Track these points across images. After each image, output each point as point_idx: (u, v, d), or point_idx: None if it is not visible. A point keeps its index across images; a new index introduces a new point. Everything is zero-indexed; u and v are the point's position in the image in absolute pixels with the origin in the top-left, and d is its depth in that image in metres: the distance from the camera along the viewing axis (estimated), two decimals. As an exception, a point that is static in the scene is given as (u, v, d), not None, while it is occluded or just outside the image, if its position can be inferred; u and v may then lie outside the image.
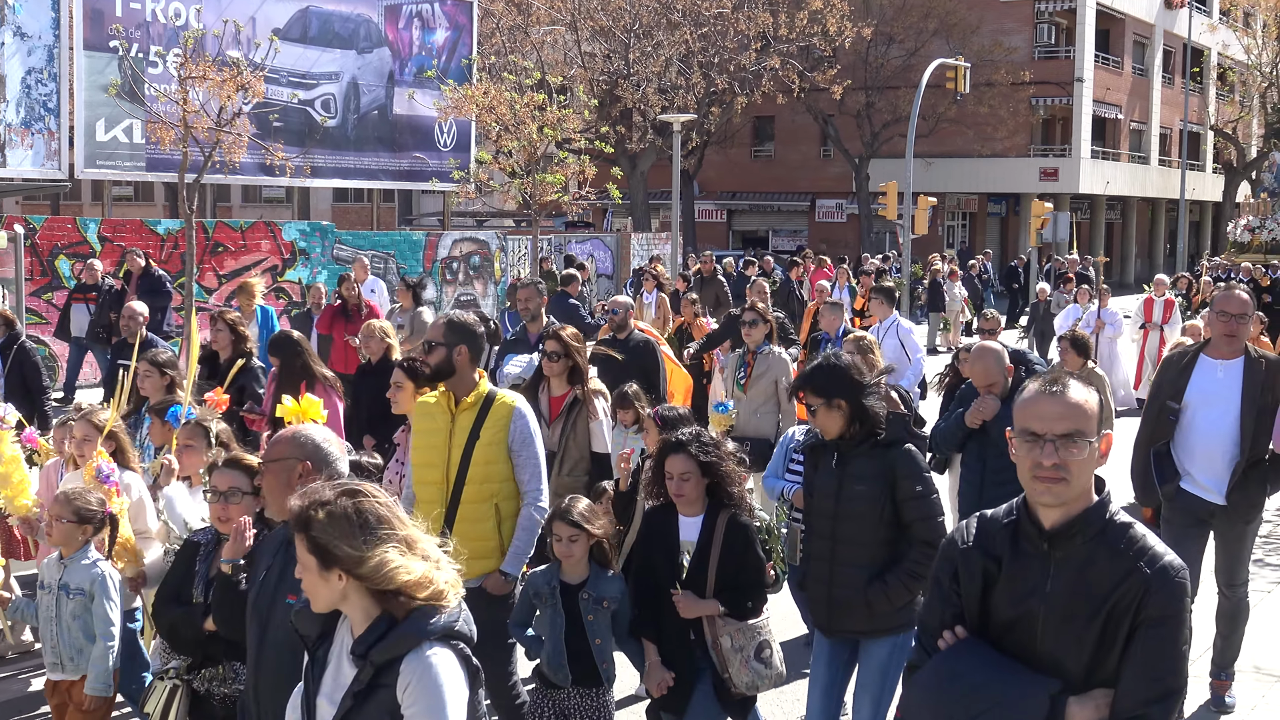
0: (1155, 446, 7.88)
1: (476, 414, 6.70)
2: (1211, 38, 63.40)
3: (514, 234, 31.77)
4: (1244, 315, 7.73)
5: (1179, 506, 7.88)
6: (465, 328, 6.75)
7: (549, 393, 8.66)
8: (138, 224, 23.26)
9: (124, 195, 50.00)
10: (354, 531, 3.61)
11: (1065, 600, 3.60)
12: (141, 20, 24.68)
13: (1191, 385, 7.83)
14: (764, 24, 40.56)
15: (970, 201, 57.83)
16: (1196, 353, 7.97)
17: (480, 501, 6.64)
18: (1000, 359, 7.91)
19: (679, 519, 6.26)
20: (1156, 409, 7.99)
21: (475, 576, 6.48)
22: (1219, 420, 7.69)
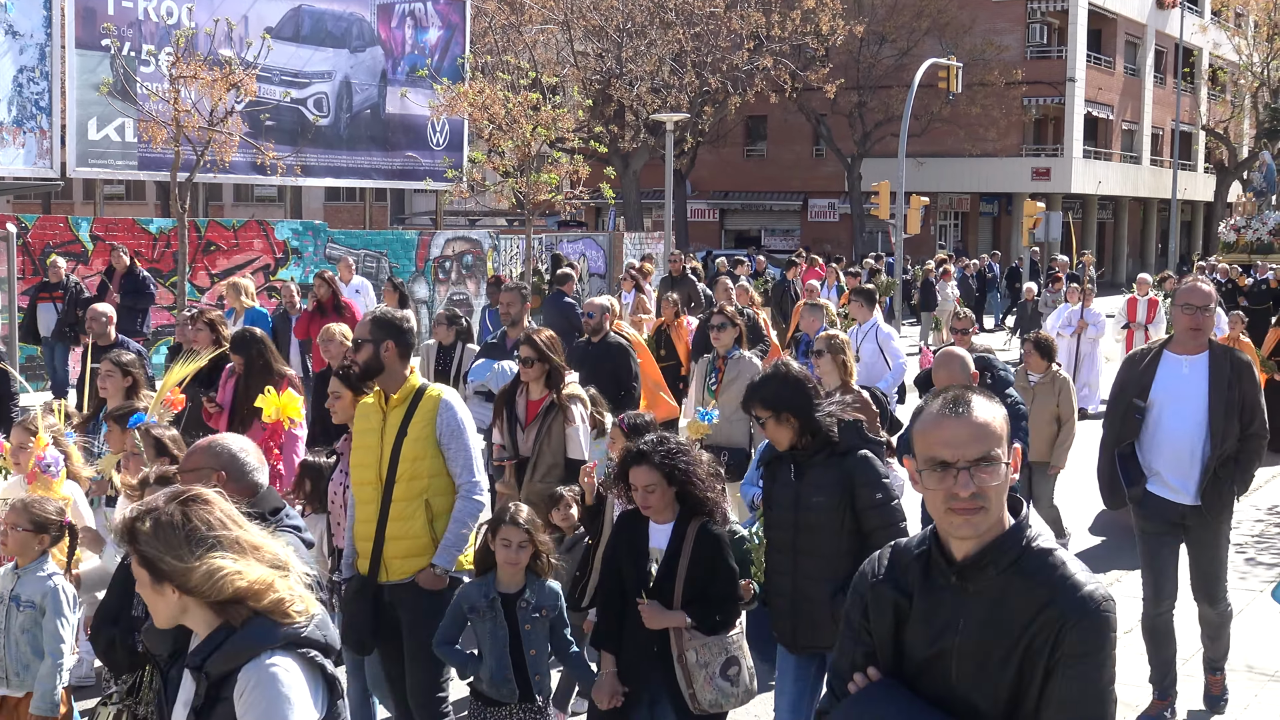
0: (1120, 448, 7.65)
1: (405, 410, 6.57)
2: (1203, 38, 63.52)
3: (507, 233, 31.76)
4: (1207, 307, 7.52)
5: (1150, 512, 7.67)
6: (391, 323, 6.61)
7: (526, 396, 8.52)
8: (130, 223, 23.23)
9: (116, 194, 49.95)
10: (180, 541, 3.36)
11: (979, 637, 3.27)
12: (133, 19, 24.65)
13: (1156, 383, 7.60)
14: (756, 23, 40.57)
15: (963, 201, 57.90)
16: (1160, 349, 7.76)
17: (410, 499, 6.49)
18: (965, 365, 7.67)
19: (649, 525, 6.03)
20: (1121, 409, 7.75)
21: (409, 575, 6.45)
22: (1187, 417, 7.48)
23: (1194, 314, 7.50)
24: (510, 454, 8.49)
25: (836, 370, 9.43)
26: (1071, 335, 20.29)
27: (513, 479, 8.44)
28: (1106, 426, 7.88)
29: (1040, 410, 10.98)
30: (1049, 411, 11.11)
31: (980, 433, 3.28)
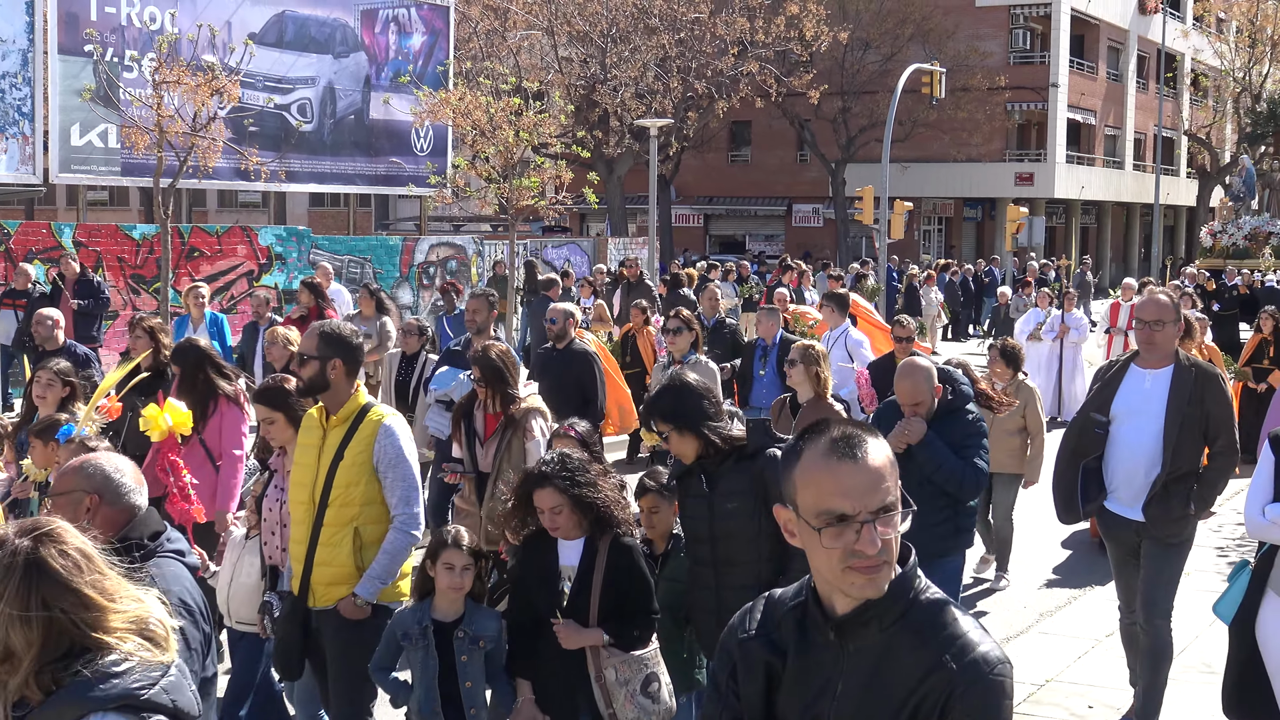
0: (1085, 461, 7.40)
1: (345, 431, 6.25)
2: (1185, 43, 63.76)
3: (491, 239, 31.73)
4: (1159, 322, 7.23)
5: (1109, 529, 7.56)
6: (340, 339, 6.28)
7: (485, 409, 8.21)
8: (113, 229, 23.18)
9: (99, 200, 49.78)
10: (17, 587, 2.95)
11: (859, 702, 2.90)
12: (116, 25, 24.60)
13: (1119, 396, 7.39)
14: (741, 29, 40.61)
15: (946, 206, 58.03)
16: (1127, 362, 7.51)
17: (340, 525, 6.21)
18: (930, 377, 7.34)
19: (558, 543, 5.82)
20: (1081, 421, 7.57)
21: (333, 603, 6.23)
22: (1141, 432, 7.25)
23: (1144, 329, 7.29)
24: (469, 469, 8.22)
25: (809, 381, 9.25)
26: (1054, 340, 20.11)
27: (472, 495, 8.20)
28: (1064, 439, 7.64)
29: (1005, 420, 10.43)
30: (1014, 422, 10.71)
31: (879, 478, 2.87)
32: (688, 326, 10.88)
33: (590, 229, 54.96)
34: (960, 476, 7.06)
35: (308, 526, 6.26)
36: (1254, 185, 37.81)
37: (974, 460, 7.12)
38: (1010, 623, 10.09)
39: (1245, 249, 35.41)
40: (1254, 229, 35.89)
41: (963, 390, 7.35)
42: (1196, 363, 7.37)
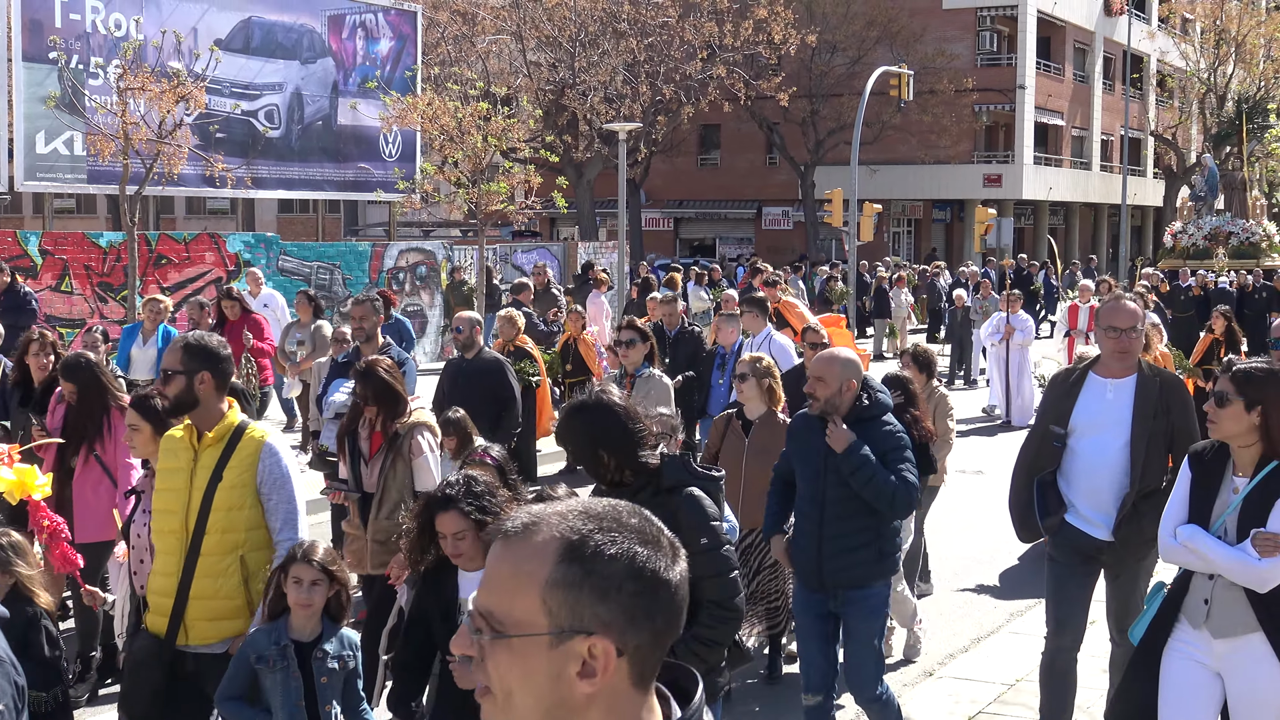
0: (1041, 475, 6.95)
1: (221, 451, 5.77)
2: (1150, 45, 64.14)
3: (460, 244, 31.70)
4: (1134, 329, 6.81)
5: (1062, 541, 7.02)
6: (208, 351, 5.79)
7: (370, 426, 7.79)
8: (79, 237, 23.05)
9: (65, 208, 49.56)
10: None
11: None
12: (81, 31, 24.46)
13: (1078, 407, 6.91)
14: (709, 33, 40.69)
15: (915, 208, 58.23)
16: (1085, 370, 7.04)
17: (223, 554, 5.73)
18: (845, 369, 6.72)
19: (458, 573, 5.48)
20: (1039, 434, 7.10)
21: (220, 640, 5.76)
22: (1106, 446, 6.80)
23: (1119, 337, 6.81)
24: (354, 489, 7.82)
25: (761, 396, 8.71)
26: (999, 342, 19.81)
27: (357, 517, 7.82)
28: (1021, 452, 7.22)
29: None
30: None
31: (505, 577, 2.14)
32: (642, 338, 10.22)
33: (560, 233, 54.98)
34: (891, 491, 6.56)
35: (178, 557, 5.73)
36: (1216, 185, 37.76)
37: (903, 473, 6.63)
38: (981, 623, 10.12)
39: (1205, 249, 35.27)
40: (1214, 229, 35.84)
41: (880, 399, 6.78)
42: (1160, 372, 7.02)
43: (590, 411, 5.25)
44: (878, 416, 6.72)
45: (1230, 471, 5.63)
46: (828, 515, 6.71)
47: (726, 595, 5.12)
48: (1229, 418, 5.50)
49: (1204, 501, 5.63)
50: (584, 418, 5.26)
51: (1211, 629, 5.57)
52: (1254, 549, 5.37)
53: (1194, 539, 5.54)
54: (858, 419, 6.65)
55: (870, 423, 6.68)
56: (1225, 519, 5.56)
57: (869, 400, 6.71)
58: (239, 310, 14.76)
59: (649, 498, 5.12)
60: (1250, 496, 5.50)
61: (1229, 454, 5.62)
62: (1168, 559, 5.85)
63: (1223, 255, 34.35)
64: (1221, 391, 5.53)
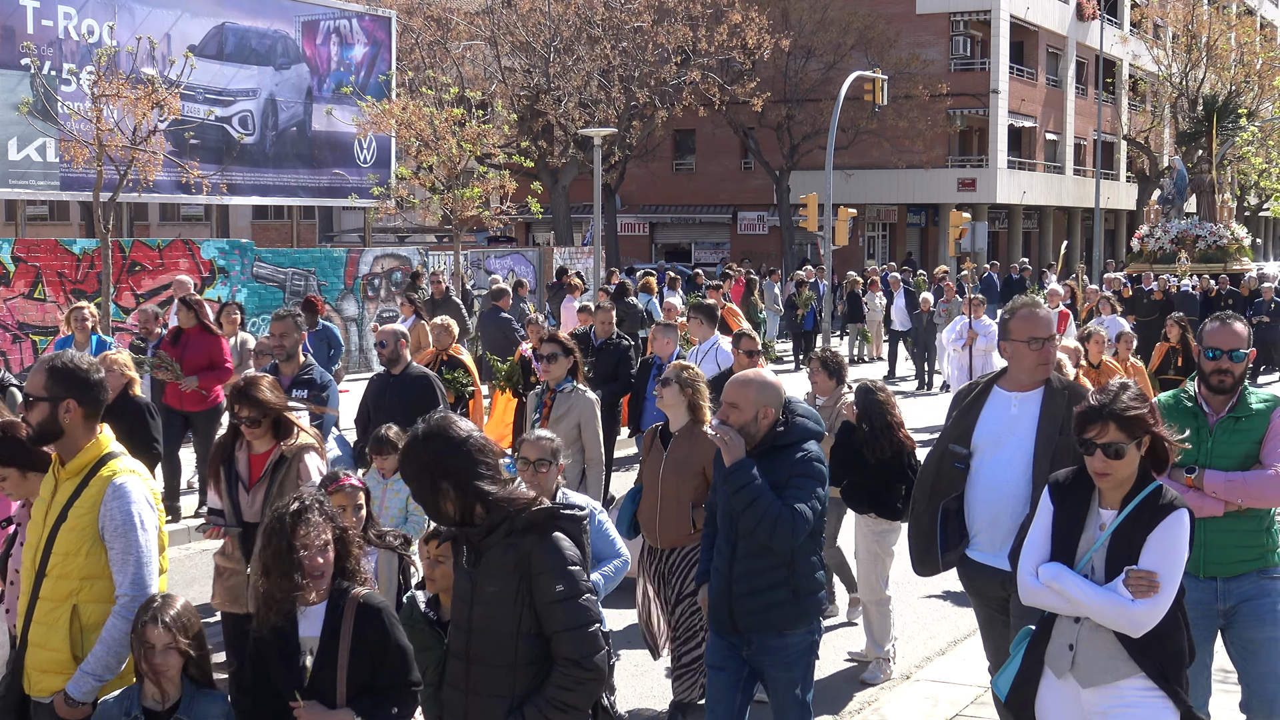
0: (945, 502, 6.30)
1: (75, 488, 5.22)
2: (1123, 49, 64.47)
3: (436, 249, 31.66)
4: (1054, 337, 6.32)
5: (973, 582, 6.42)
6: (74, 376, 5.22)
7: (249, 450, 7.09)
8: (53, 244, 22.95)
9: (39, 215, 49.35)
10: None
11: None
12: (54, 37, 24.37)
13: (980, 424, 6.29)
14: (684, 38, 40.76)
15: (890, 212, 58.39)
16: (989, 384, 6.42)
17: (56, 601, 5.18)
18: (762, 392, 6.06)
19: (296, 610, 5.04)
20: (938, 454, 6.41)
21: (48, 694, 5.22)
22: (1008, 467, 6.16)
23: (1041, 348, 6.24)
24: (232, 521, 7.10)
25: (683, 405, 8.01)
26: (962, 348, 19.13)
27: (237, 551, 7.14)
28: (919, 477, 6.60)
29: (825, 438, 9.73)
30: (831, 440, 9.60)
31: None
32: (564, 351, 9.37)
33: (536, 239, 54.95)
34: (773, 517, 5.82)
35: (27, 598, 5.27)
36: (1185, 187, 37.35)
37: (795, 502, 5.88)
38: (957, 625, 10.15)
39: (1171, 253, 34.70)
40: (1181, 232, 35.31)
41: (799, 424, 6.05)
42: (1069, 384, 6.40)
43: (428, 439, 4.62)
44: (793, 444, 6.03)
45: (1095, 504, 5.08)
46: (739, 550, 6.07)
47: (584, 652, 4.50)
48: (1125, 466, 4.95)
49: (1068, 537, 5.09)
50: (421, 446, 4.62)
51: (1078, 677, 5.04)
52: (1126, 589, 4.85)
53: (1059, 578, 5.00)
54: (772, 447, 6.00)
55: (783, 450, 6.01)
56: (1092, 556, 5.02)
57: (785, 425, 6.03)
58: (193, 319, 13.54)
59: (501, 539, 4.55)
60: (1120, 530, 4.97)
61: (1092, 486, 5.07)
62: (1028, 601, 5.19)
63: (1185, 259, 33.78)
64: (1112, 444, 4.89)
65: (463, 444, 4.60)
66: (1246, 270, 33.24)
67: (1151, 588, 4.83)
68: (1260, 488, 6.02)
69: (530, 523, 4.55)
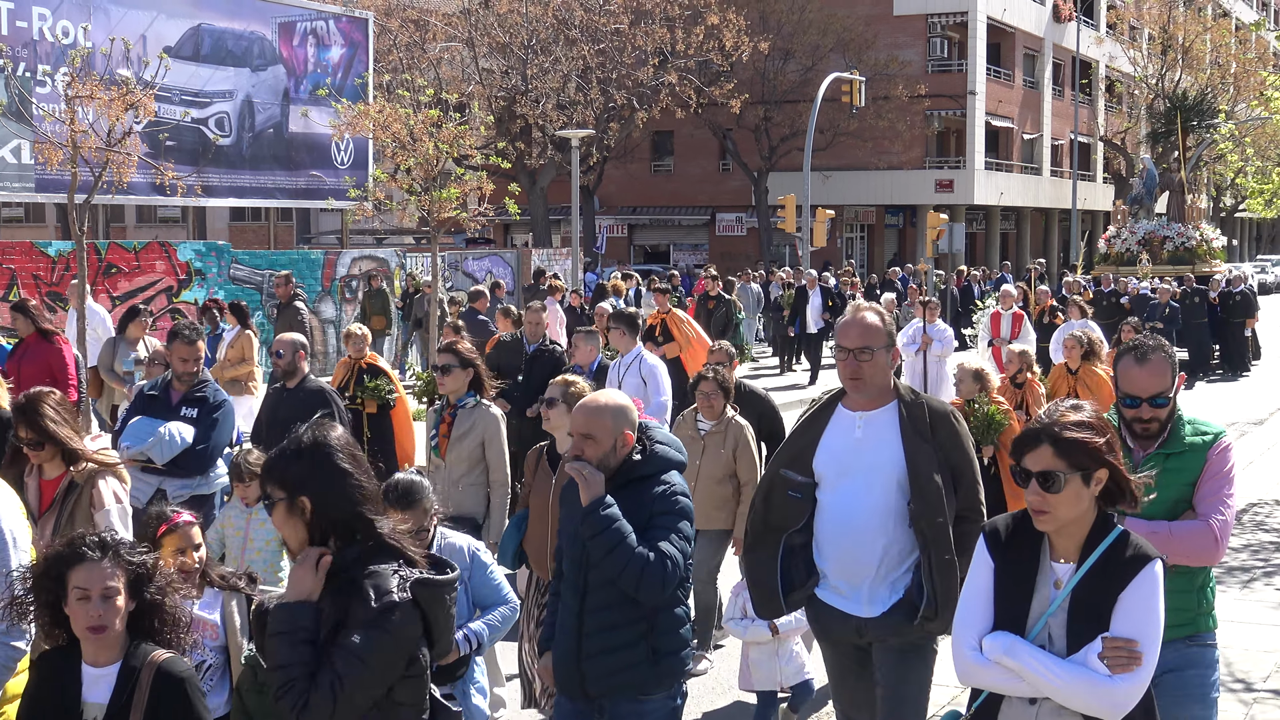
0: (789, 536, 5.49)
1: None
2: (1099, 50, 64.75)
3: (414, 251, 31.60)
4: (866, 349, 5.35)
5: (819, 625, 5.65)
6: None
7: (39, 475, 6.42)
8: (27, 246, 22.83)
9: (14, 217, 49.10)
10: None
11: None
12: (28, 39, 24.25)
13: (822, 448, 5.47)
14: (661, 40, 40.76)
15: (868, 213, 58.52)
16: (832, 402, 5.59)
17: None
18: (618, 417, 5.21)
19: (82, 668, 4.30)
20: (769, 481, 5.62)
21: None
22: (859, 497, 5.37)
23: (848, 360, 5.39)
24: None
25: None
26: (916, 353, 18.17)
27: None
28: (751, 509, 5.75)
29: (710, 465, 8.78)
30: (721, 467, 8.84)
31: None
32: (461, 363, 8.44)
33: (514, 240, 54.90)
34: (639, 566, 4.99)
35: None
36: (1154, 187, 36.51)
37: (660, 545, 5.05)
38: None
39: (1135, 254, 33.72)
40: (1148, 233, 34.44)
41: (659, 453, 5.24)
42: (925, 399, 5.53)
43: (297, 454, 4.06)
44: (653, 475, 5.21)
45: (1047, 556, 4.14)
46: (588, 603, 5.20)
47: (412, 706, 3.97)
48: (1066, 502, 4.02)
49: (1014, 598, 4.12)
50: (290, 460, 4.06)
51: None
52: (1100, 661, 3.96)
53: (1013, 652, 4.02)
54: (627, 480, 5.18)
55: (643, 483, 5.19)
56: (1048, 621, 4.07)
57: (644, 453, 5.24)
58: (30, 326, 12.48)
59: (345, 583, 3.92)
60: (1081, 589, 4.03)
61: (1041, 535, 4.14)
62: (969, 681, 4.21)
63: (1146, 261, 32.72)
64: (1048, 473, 3.99)
65: (327, 456, 4.04)
66: (1215, 272, 32.48)
67: (1133, 659, 3.93)
68: (1187, 542, 4.92)
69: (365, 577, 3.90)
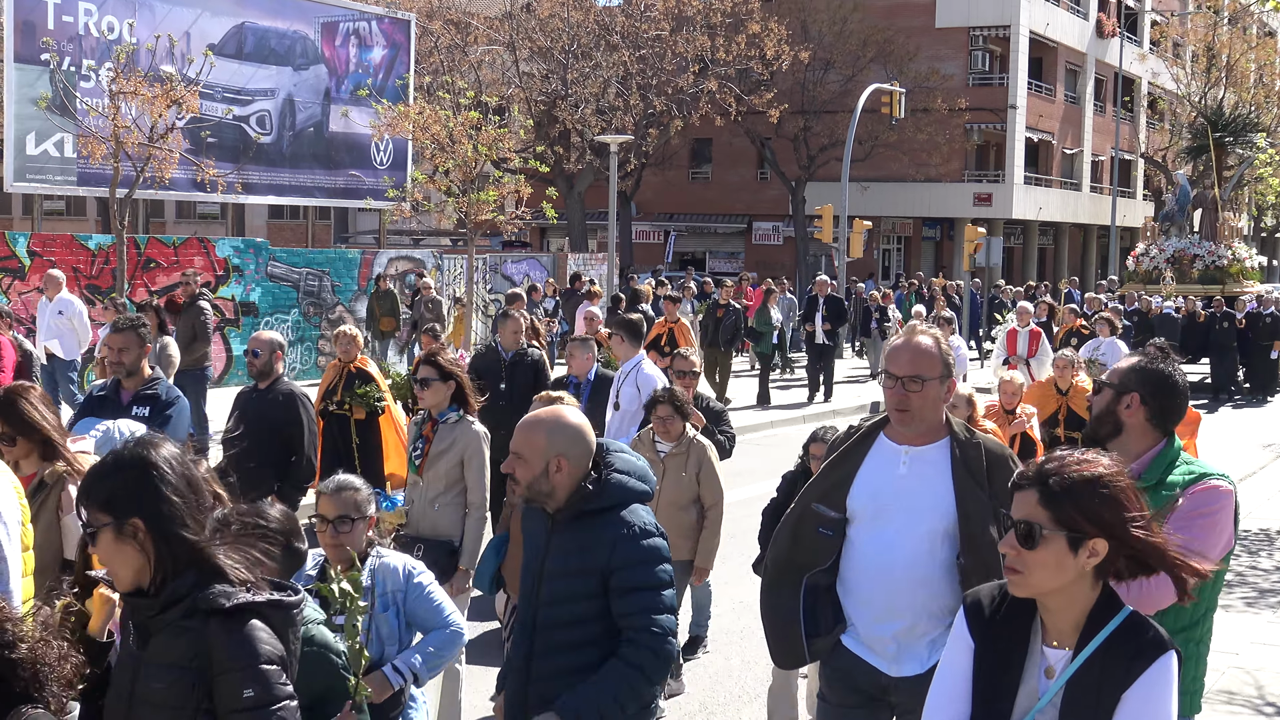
0: (811, 576, 4.86)
1: None
2: (1142, 67, 64.41)
3: (450, 253, 31.71)
4: (916, 379, 4.71)
5: (837, 675, 4.96)
6: None
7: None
8: (68, 239, 23.03)
9: (55, 209, 49.50)
10: None
11: None
12: (74, 33, 24.47)
13: (859, 483, 4.83)
14: (702, 47, 40.80)
15: (905, 225, 58.34)
16: (874, 430, 4.93)
17: None
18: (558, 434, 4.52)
19: None
20: (797, 515, 4.97)
21: None
22: (898, 539, 4.72)
23: (894, 387, 4.76)
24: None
25: None
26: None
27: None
28: (773, 543, 5.12)
29: (672, 490, 8.32)
30: (684, 492, 8.42)
31: None
32: (441, 376, 7.82)
33: (550, 244, 55.03)
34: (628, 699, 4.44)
35: None
36: (1187, 204, 35.52)
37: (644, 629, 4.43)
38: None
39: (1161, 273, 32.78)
40: (1177, 251, 33.50)
41: (615, 483, 4.53)
42: (981, 439, 4.88)
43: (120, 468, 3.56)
44: (609, 508, 4.51)
45: (1038, 639, 3.44)
46: (537, 645, 4.58)
47: None
48: (1043, 565, 3.32)
49: (997, 689, 3.44)
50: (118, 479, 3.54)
51: None
52: None
53: None
54: (579, 513, 4.50)
55: (597, 518, 4.50)
56: (1035, 718, 3.40)
57: (597, 485, 4.51)
58: None
59: (176, 619, 3.46)
60: (1078, 682, 3.34)
61: (1032, 612, 3.44)
62: None
63: (1170, 279, 31.82)
64: (1025, 523, 3.32)
65: (151, 472, 3.51)
66: (1246, 292, 31.36)
67: None
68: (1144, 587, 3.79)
69: (215, 605, 3.43)
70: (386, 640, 5.34)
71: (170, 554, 3.46)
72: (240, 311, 24.85)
